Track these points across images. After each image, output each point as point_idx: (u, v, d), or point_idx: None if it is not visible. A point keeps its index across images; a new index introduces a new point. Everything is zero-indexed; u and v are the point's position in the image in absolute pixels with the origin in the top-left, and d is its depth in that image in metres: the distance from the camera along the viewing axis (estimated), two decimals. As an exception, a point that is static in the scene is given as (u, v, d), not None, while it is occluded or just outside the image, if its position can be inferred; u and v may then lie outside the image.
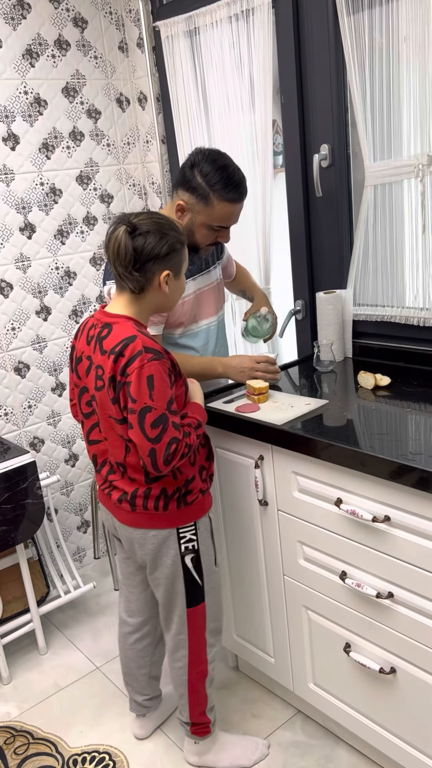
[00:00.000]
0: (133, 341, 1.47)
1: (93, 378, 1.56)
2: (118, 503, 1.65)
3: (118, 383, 1.49)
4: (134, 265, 1.50)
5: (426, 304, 1.98)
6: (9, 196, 2.47)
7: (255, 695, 2.15)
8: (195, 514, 1.66)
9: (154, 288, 1.54)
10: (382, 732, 1.71)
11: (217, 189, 1.75)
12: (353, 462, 1.51)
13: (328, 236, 2.20)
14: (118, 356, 1.47)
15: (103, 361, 1.51)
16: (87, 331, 1.60)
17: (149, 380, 1.46)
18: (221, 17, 2.24)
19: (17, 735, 2.10)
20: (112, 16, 2.63)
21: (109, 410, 1.54)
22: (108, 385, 1.50)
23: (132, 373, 1.45)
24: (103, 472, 1.68)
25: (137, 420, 1.47)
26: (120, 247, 1.48)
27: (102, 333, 1.54)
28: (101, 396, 1.54)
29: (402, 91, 1.86)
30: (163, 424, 1.47)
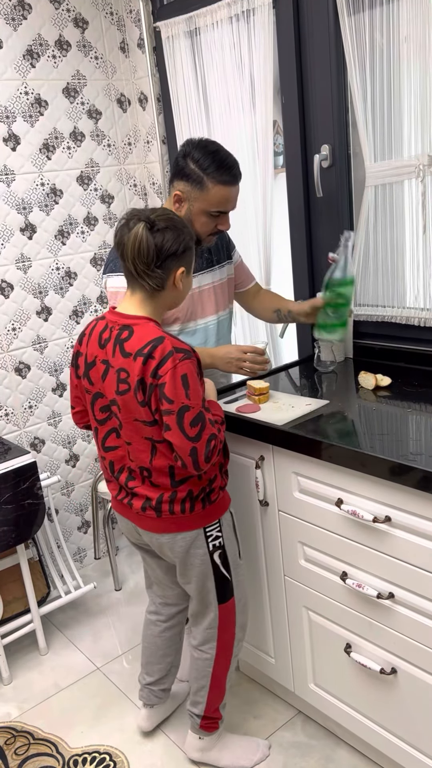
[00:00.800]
0: (162, 342, 1.45)
1: (113, 382, 1.52)
2: (141, 511, 1.62)
3: (149, 386, 1.46)
4: (156, 263, 1.47)
5: (427, 305, 1.98)
6: (9, 196, 2.47)
7: (255, 696, 2.14)
8: (218, 511, 1.66)
9: (169, 286, 1.52)
10: (383, 732, 1.71)
11: (210, 172, 1.75)
12: (354, 462, 1.51)
13: (329, 236, 2.20)
14: (148, 358, 1.44)
15: (128, 364, 1.48)
16: (99, 334, 1.56)
17: (184, 379, 1.44)
18: (222, 17, 2.24)
19: (18, 735, 2.10)
20: (112, 16, 2.63)
21: (136, 413, 1.50)
22: (136, 388, 1.47)
23: (165, 374, 1.43)
24: (122, 480, 1.64)
25: (176, 420, 1.45)
26: (142, 243, 1.44)
27: (122, 335, 1.50)
28: (126, 399, 1.50)
29: (402, 91, 1.86)
30: (202, 422, 1.47)
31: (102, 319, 1.59)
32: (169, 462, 1.54)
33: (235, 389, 2.03)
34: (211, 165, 1.75)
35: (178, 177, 1.80)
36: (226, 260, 2.05)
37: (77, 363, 1.63)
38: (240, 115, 2.33)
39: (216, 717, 1.86)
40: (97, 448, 1.69)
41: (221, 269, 2.03)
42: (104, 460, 1.66)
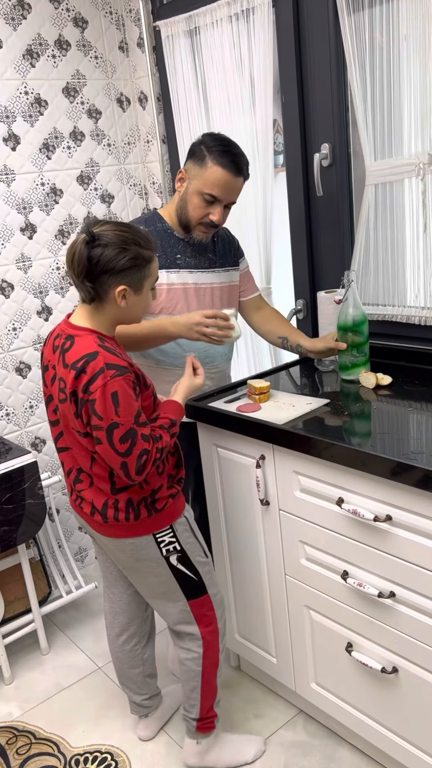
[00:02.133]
0: (95, 358, 1.46)
1: (57, 389, 1.55)
2: (89, 516, 1.65)
3: (80, 400, 1.48)
4: (87, 276, 1.47)
5: (427, 303, 1.98)
6: (10, 196, 2.47)
7: (257, 695, 2.14)
8: (168, 518, 1.66)
9: (110, 301, 1.52)
10: (384, 731, 1.71)
11: (213, 151, 1.80)
12: (355, 461, 1.50)
13: (329, 235, 2.20)
14: (80, 372, 1.46)
15: (65, 375, 1.50)
16: (53, 340, 1.59)
17: (114, 397, 1.45)
18: (221, 17, 2.24)
19: (19, 735, 2.10)
20: (112, 15, 2.63)
21: (72, 423, 1.54)
22: (69, 400, 1.50)
23: (96, 391, 1.45)
24: (71, 480, 1.66)
25: (105, 436, 1.47)
26: (75, 255, 1.46)
27: (65, 345, 1.53)
28: (64, 408, 1.54)
29: (402, 89, 1.86)
30: (132, 438, 1.48)
31: (58, 326, 1.61)
32: (107, 470, 1.57)
33: (236, 388, 2.03)
34: (216, 147, 1.80)
35: (187, 159, 1.86)
36: (231, 266, 2.05)
37: (41, 364, 1.67)
38: (240, 114, 2.33)
39: (211, 716, 1.85)
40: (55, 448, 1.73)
41: (226, 273, 2.03)
42: (58, 460, 1.72)
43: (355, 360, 1.92)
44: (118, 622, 1.90)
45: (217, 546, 2.06)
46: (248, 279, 2.15)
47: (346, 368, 1.94)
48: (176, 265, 1.94)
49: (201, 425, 1.94)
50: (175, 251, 1.93)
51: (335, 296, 2.07)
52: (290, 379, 2.07)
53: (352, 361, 1.92)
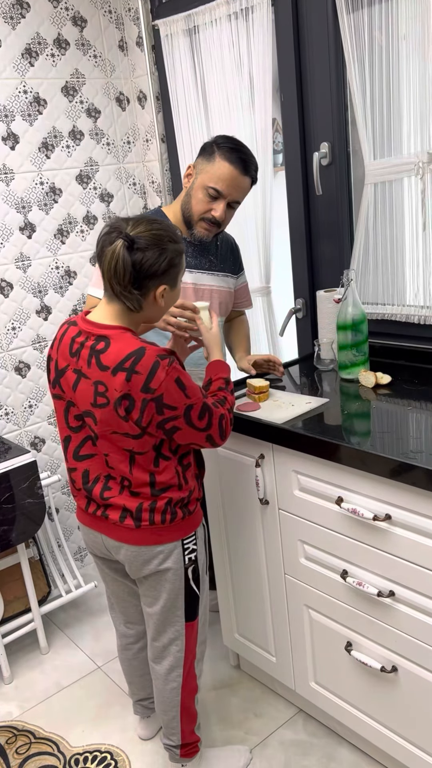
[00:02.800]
0: (143, 355, 1.39)
1: (89, 394, 1.45)
2: (119, 522, 1.55)
3: (141, 401, 1.39)
4: (133, 284, 1.41)
5: (427, 302, 1.98)
6: (9, 195, 2.46)
7: (256, 694, 2.15)
8: (195, 522, 1.63)
9: (149, 303, 1.46)
10: (384, 730, 1.71)
11: (223, 148, 1.82)
12: (354, 460, 1.50)
13: (329, 234, 2.20)
14: (131, 373, 1.38)
15: (106, 378, 1.41)
16: (71, 341, 1.49)
17: (179, 383, 1.42)
18: (220, 15, 2.24)
19: (19, 734, 2.10)
20: (111, 14, 2.63)
21: (116, 427, 1.44)
22: (117, 404, 1.41)
23: (159, 386, 1.39)
24: (96, 491, 1.56)
25: (185, 421, 1.44)
26: (118, 264, 1.38)
27: (98, 346, 1.44)
28: (104, 413, 1.44)
29: (402, 88, 1.86)
30: (207, 411, 1.47)
31: (74, 324, 1.51)
32: (148, 471, 1.50)
33: (236, 388, 2.03)
34: (226, 143, 1.83)
35: (197, 156, 1.88)
36: (230, 273, 2.05)
37: (49, 368, 1.56)
38: (239, 113, 2.33)
39: (194, 741, 1.79)
40: (67, 459, 1.60)
41: (225, 278, 2.03)
42: (75, 471, 1.59)
43: (354, 359, 1.92)
44: (135, 633, 1.86)
45: (217, 545, 2.06)
46: (244, 294, 2.17)
47: (345, 367, 1.94)
48: None
49: (200, 424, 1.94)
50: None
51: (334, 295, 2.07)
52: (289, 379, 2.07)
53: (351, 360, 1.92)
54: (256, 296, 2.52)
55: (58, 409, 1.58)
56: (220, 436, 1.51)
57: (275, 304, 2.56)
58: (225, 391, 1.58)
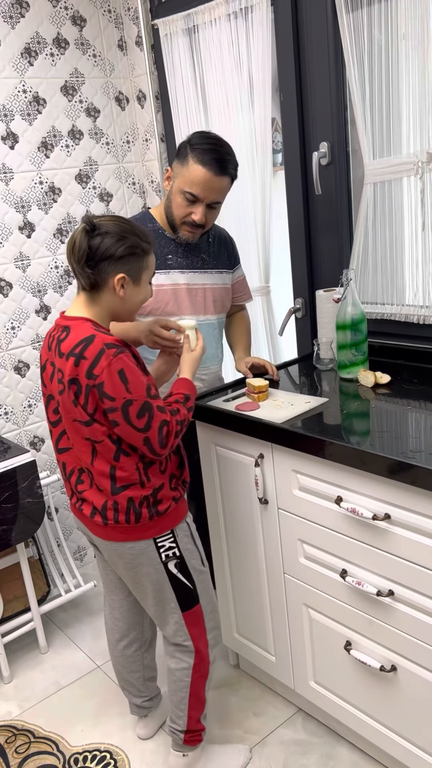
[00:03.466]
0: (92, 341, 1.45)
1: (56, 383, 1.53)
2: (90, 517, 1.61)
3: (85, 386, 1.46)
4: (87, 262, 1.48)
5: (426, 302, 1.98)
6: (8, 195, 2.46)
7: (256, 693, 2.15)
8: (170, 523, 1.64)
9: (108, 289, 1.52)
10: (383, 730, 1.71)
11: (196, 149, 1.77)
12: (353, 460, 1.50)
13: (328, 234, 2.20)
14: (79, 358, 1.45)
15: (62, 364, 1.49)
16: (49, 337, 1.59)
17: (121, 374, 1.45)
18: (220, 15, 2.24)
19: (18, 734, 2.11)
20: (110, 14, 2.63)
21: (73, 413, 1.51)
22: (68, 388, 1.48)
23: (101, 373, 1.44)
24: (72, 482, 1.64)
25: (122, 416, 1.47)
26: (75, 243, 1.47)
27: (60, 336, 1.52)
28: (63, 400, 1.52)
29: (401, 88, 1.86)
30: (148, 411, 1.48)
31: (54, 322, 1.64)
32: (109, 464, 1.53)
33: (235, 387, 2.03)
34: (200, 145, 1.77)
35: (175, 157, 1.85)
36: (225, 269, 2.04)
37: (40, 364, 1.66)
38: (238, 113, 2.33)
39: (199, 729, 1.80)
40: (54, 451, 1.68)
41: (218, 275, 2.01)
42: (59, 462, 1.67)
43: (353, 358, 1.92)
44: (118, 628, 1.89)
45: (216, 545, 2.06)
46: (242, 288, 2.15)
47: (344, 367, 1.94)
48: (167, 265, 1.92)
49: (200, 424, 1.94)
50: (165, 251, 1.92)
51: (334, 295, 2.07)
52: (289, 378, 2.07)
53: (350, 359, 1.92)
54: (255, 296, 2.52)
55: (44, 405, 1.65)
56: (159, 443, 1.51)
57: (275, 304, 2.56)
58: (180, 404, 1.59)
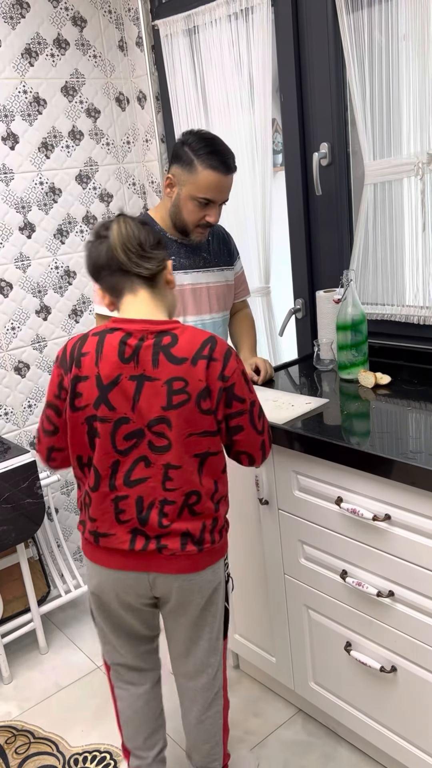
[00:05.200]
0: (217, 342, 1.34)
1: (159, 398, 1.31)
2: (180, 550, 1.38)
3: (218, 390, 1.32)
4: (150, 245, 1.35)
5: (426, 303, 1.98)
6: (8, 195, 2.46)
7: (256, 694, 2.15)
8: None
9: (163, 284, 1.40)
10: (383, 730, 1.71)
11: (201, 155, 1.76)
12: (354, 461, 1.50)
13: (328, 235, 2.20)
14: (210, 360, 1.31)
15: (185, 371, 1.31)
16: (119, 346, 1.32)
17: (244, 375, 1.39)
18: (220, 16, 2.24)
19: (18, 734, 2.10)
20: (111, 15, 2.63)
21: (194, 426, 1.33)
22: (199, 397, 1.31)
23: (233, 374, 1.34)
24: (153, 519, 1.36)
25: (248, 420, 1.38)
26: (127, 230, 1.33)
27: (163, 342, 1.31)
28: (183, 413, 1.31)
29: (401, 89, 1.86)
30: (263, 414, 1.44)
31: (111, 331, 1.34)
32: (213, 479, 1.39)
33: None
34: (203, 148, 1.76)
35: (172, 162, 1.83)
36: (226, 265, 2.03)
37: (79, 390, 1.34)
38: (239, 114, 2.33)
39: (227, 756, 1.68)
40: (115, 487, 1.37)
41: (220, 272, 2.01)
42: (127, 498, 1.36)
43: (354, 359, 1.92)
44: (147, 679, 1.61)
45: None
46: (241, 282, 2.14)
47: (345, 367, 1.94)
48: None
49: (200, 424, 1.94)
50: (168, 253, 1.91)
51: (334, 295, 2.07)
52: (289, 379, 2.07)
53: (351, 360, 1.92)
54: (255, 296, 2.52)
55: (103, 434, 1.34)
56: (270, 445, 1.45)
57: (275, 305, 2.56)
58: None
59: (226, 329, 2.12)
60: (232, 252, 2.07)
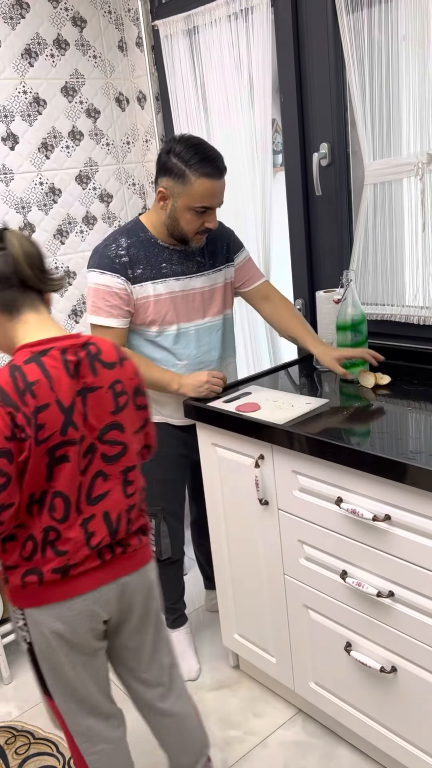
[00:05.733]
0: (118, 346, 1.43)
1: (106, 403, 1.32)
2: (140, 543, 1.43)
3: (139, 386, 1.41)
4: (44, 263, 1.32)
5: (426, 303, 1.98)
6: (8, 195, 2.46)
7: (256, 694, 2.15)
8: None
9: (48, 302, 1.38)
10: (383, 731, 1.71)
11: (192, 164, 1.73)
12: (354, 461, 1.50)
13: (328, 235, 2.20)
14: (125, 359, 1.39)
15: (119, 373, 1.35)
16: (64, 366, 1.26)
17: None
18: (220, 16, 2.24)
19: (18, 735, 2.10)
20: (110, 15, 2.63)
21: (135, 423, 1.40)
22: (135, 394, 1.39)
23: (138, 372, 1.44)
24: (122, 530, 1.37)
25: (149, 409, 1.48)
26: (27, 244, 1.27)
27: (91, 350, 1.32)
28: (128, 412, 1.36)
29: (401, 89, 1.86)
30: None
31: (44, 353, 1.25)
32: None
33: (237, 387, 2.03)
34: (193, 157, 1.73)
35: (161, 174, 1.79)
36: (223, 264, 2.02)
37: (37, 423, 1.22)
38: (239, 114, 2.33)
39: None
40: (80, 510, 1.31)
41: (217, 273, 2.00)
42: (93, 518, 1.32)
43: (354, 359, 1.92)
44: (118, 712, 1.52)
45: (216, 546, 2.06)
46: (249, 268, 2.09)
47: (345, 367, 1.94)
48: (162, 274, 1.91)
49: (200, 425, 1.94)
50: (160, 260, 1.91)
51: (334, 296, 2.07)
52: (289, 379, 2.07)
53: (351, 360, 1.92)
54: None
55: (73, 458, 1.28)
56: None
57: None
58: None
59: (233, 326, 2.11)
60: (230, 247, 2.05)
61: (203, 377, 1.89)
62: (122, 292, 1.87)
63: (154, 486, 2.10)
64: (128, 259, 1.87)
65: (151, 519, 2.14)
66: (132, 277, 1.87)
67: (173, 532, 2.17)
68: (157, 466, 2.08)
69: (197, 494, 2.33)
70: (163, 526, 2.14)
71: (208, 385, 1.89)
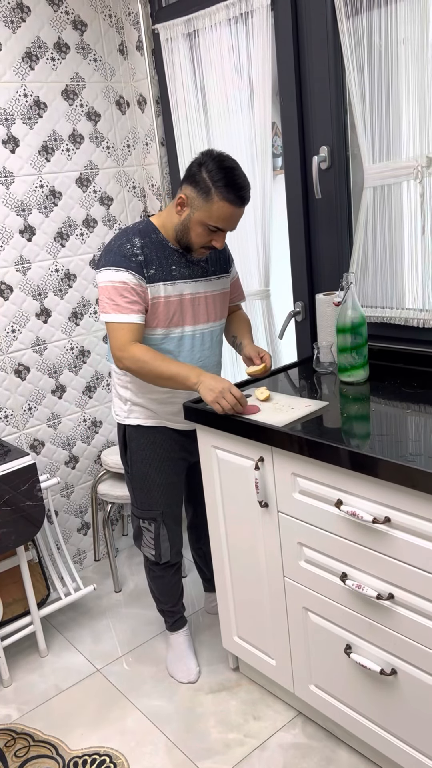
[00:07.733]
0: None
1: None
2: None
3: None
4: None
5: (426, 306, 1.98)
6: (9, 198, 2.47)
7: (255, 697, 2.14)
8: None
9: None
10: (383, 733, 1.71)
11: (219, 186, 1.76)
12: (353, 463, 1.51)
13: (328, 238, 2.20)
14: None
15: None
16: None
17: None
18: (220, 20, 2.25)
19: (18, 737, 2.10)
20: (111, 18, 2.64)
21: None
22: None
23: None
24: None
25: None
26: None
27: None
28: None
29: (401, 92, 1.86)
30: None
31: None
32: None
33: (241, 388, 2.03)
34: (222, 179, 1.76)
35: (187, 182, 1.82)
36: (222, 273, 2.06)
37: None
38: (238, 117, 2.33)
39: None
40: None
41: (217, 281, 2.03)
42: None
43: (354, 362, 1.93)
44: None
45: (216, 548, 2.06)
46: (236, 288, 2.17)
47: (345, 370, 1.94)
48: (172, 276, 1.93)
49: (200, 427, 1.94)
50: (170, 262, 1.92)
51: (334, 298, 2.08)
52: (289, 381, 2.08)
53: (351, 362, 1.93)
54: (255, 299, 2.52)
55: None
56: None
57: (274, 307, 2.57)
58: None
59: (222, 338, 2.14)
60: (227, 259, 2.09)
61: (224, 386, 1.77)
62: (140, 288, 1.88)
63: (154, 490, 2.11)
64: (143, 258, 1.88)
65: (151, 523, 2.14)
66: (147, 276, 1.89)
67: (172, 535, 2.17)
68: (157, 471, 2.08)
69: (193, 496, 2.33)
70: (162, 529, 2.14)
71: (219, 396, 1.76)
